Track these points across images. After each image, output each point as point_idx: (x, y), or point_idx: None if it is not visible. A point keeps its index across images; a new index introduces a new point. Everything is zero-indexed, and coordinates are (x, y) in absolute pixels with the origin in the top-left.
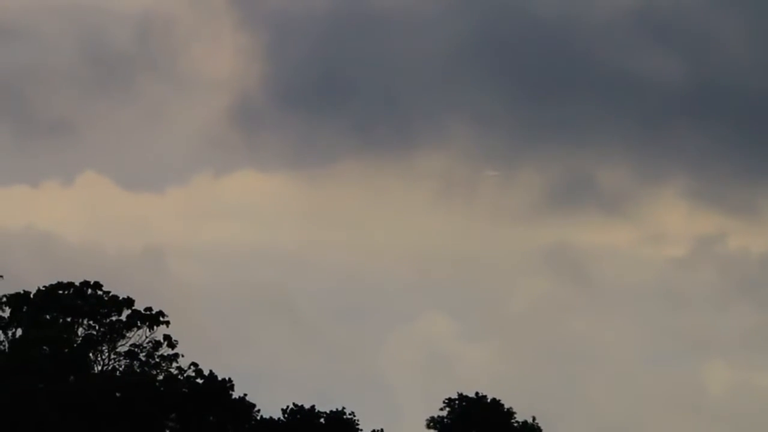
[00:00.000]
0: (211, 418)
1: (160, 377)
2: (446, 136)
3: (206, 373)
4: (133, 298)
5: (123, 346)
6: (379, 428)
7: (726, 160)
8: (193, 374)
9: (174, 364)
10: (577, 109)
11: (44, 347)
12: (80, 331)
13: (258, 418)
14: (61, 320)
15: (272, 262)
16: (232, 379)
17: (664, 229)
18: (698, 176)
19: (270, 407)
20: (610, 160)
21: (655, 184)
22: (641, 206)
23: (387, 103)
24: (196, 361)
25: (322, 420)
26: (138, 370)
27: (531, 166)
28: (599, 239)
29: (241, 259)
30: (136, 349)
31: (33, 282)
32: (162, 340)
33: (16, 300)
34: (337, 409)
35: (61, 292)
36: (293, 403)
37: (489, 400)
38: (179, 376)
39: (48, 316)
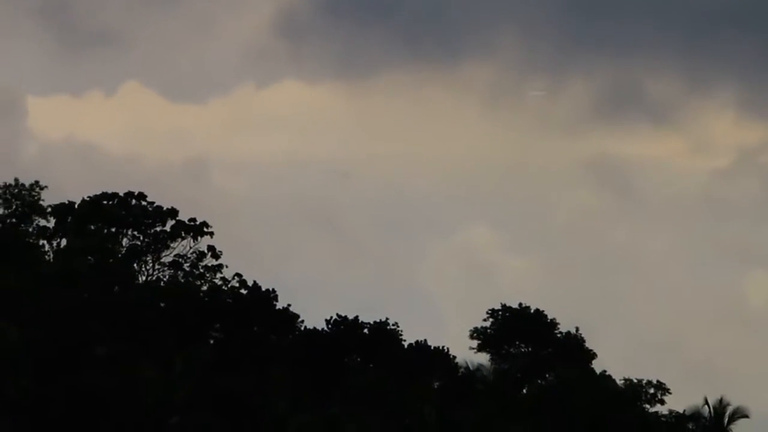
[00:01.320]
0: (255, 328)
1: (205, 288)
2: (493, 48)
3: (250, 283)
4: (177, 209)
5: (167, 257)
6: (423, 339)
7: None
8: (237, 285)
9: (218, 275)
10: (623, 19)
11: (89, 257)
12: (125, 241)
13: (302, 328)
14: (105, 230)
15: (315, 173)
16: (276, 290)
17: (709, 138)
18: (746, 86)
19: (314, 318)
20: (657, 71)
21: (702, 94)
22: (688, 116)
23: (433, 14)
24: (240, 272)
25: (365, 330)
26: (182, 281)
27: (577, 77)
28: (643, 150)
29: (283, 171)
30: (180, 260)
31: (77, 192)
32: (206, 251)
33: (61, 210)
34: (380, 319)
35: (105, 202)
36: (336, 314)
37: (532, 311)
38: (223, 287)
39: (92, 227)
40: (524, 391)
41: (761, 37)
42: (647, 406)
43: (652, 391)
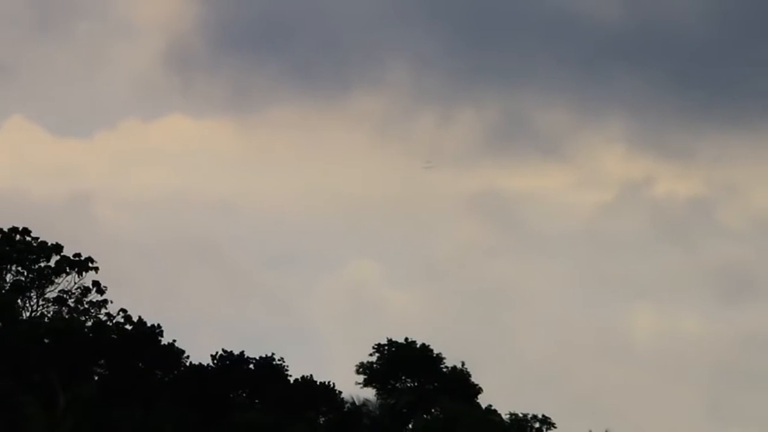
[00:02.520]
0: (140, 364)
1: (89, 323)
2: (384, 79)
3: (135, 319)
4: (62, 244)
5: (52, 293)
6: (309, 374)
7: (663, 103)
8: (122, 320)
9: (103, 310)
10: (514, 52)
11: None
12: (8, 277)
13: (187, 363)
14: None
15: (201, 208)
16: (161, 325)
17: (597, 172)
18: (635, 120)
19: (199, 353)
20: (547, 104)
21: (591, 128)
22: (577, 149)
23: (324, 47)
24: (125, 307)
25: (251, 366)
26: (67, 317)
27: (468, 109)
28: (531, 183)
29: (169, 205)
30: (64, 296)
31: None
32: (91, 286)
33: None
34: (266, 355)
35: None
36: (222, 349)
37: (418, 346)
38: (108, 322)
39: None
40: (410, 425)
41: (650, 71)
42: None
43: (537, 425)
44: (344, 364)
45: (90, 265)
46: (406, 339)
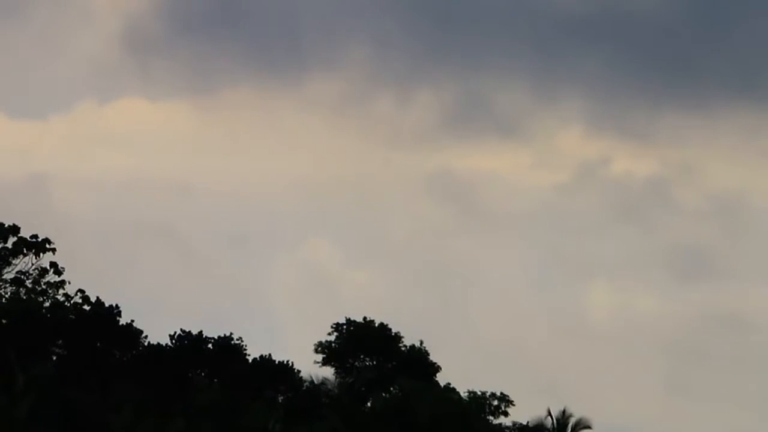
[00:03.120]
0: (99, 344)
1: (47, 304)
2: (341, 61)
3: (93, 299)
4: (19, 226)
5: (9, 274)
6: (267, 353)
7: (621, 83)
8: (80, 301)
9: (61, 291)
10: (472, 32)
11: None
12: None
13: (145, 344)
14: None
15: (158, 189)
16: (119, 305)
17: (554, 152)
18: (593, 100)
19: (157, 333)
20: (506, 84)
21: (548, 108)
22: (534, 129)
23: (281, 28)
24: (82, 288)
25: (209, 345)
26: (24, 297)
27: (426, 90)
28: (488, 164)
29: (125, 187)
30: (22, 276)
31: None
32: (48, 267)
33: None
34: (224, 334)
35: None
36: (180, 329)
37: (377, 325)
38: (66, 303)
39: None
40: (369, 404)
41: (609, 51)
42: (491, 418)
43: (496, 403)
44: (303, 344)
45: (47, 246)
46: (365, 318)
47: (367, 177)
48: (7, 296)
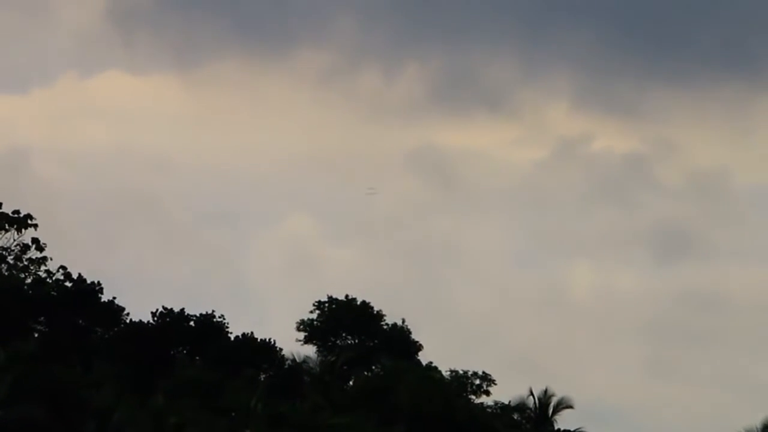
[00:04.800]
0: (80, 321)
1: (29, 280)
2: (327, 34)
3: (75, 276)
4: (1, 201)
5: None
6: (249, 331)
7: (607, 59)
8: (62, 277)
9: (42, 268)
10: (460, 5)
11: None
12: None
13: (127, 321)
14: None
15: (140, 164)
16: (101, 282)
17: (539, 128)
18: (578, 76)
19: (139, 311)
20: (493, 59)
21: (534, 83)
22: (520, 105)
23: (267, 1)
24: (64, 265)
25: (191, 323)
26: (6, 273)
27: (412, 64)
28: (470, 140)
29: (107, 162)
30: (3, 252)
31: None
32: (30, 243)
33: None
34: (206, 312)
35: None
36: (162, 307)
37: (359, 303)
38: (48, 280)
39: None
40: (350, 383)
41: (596, 25)
42: (473, 397)
43: (477, 382)
44: (284, 322)
45: (29, 222)
46: (347, 296)
47: (350, 152)
48: None
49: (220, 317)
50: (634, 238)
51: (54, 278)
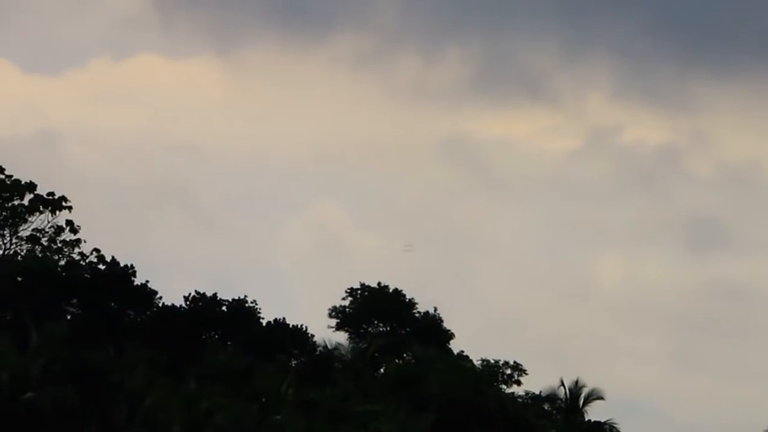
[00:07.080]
0: (113, 304)
1: (62, 262)
2: (364, 18)
3: (108, 259)
4: (36, 183)
5: (25, 231)
6: (281, 317)
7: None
8: (95, 260)
9: (76, 250)
10: None
11: None
12: None
13: (160, 305)
14: None
15: (173, 148)
16: (134, 265)
17: (575, 117)
18: (621, 64)
19: (172, 294)
20: (532, 46)
21: (575, 70)
22: (557, 93)
23: None
24: (98, 247)
25: (224, 308)
26: (40, 255)
27: (452, 49)
28: (504, 128)
29: (140, 145)
30: (38, 234)
31: None
32: (64, 226)
33: None
34: (239, 297)
35: None
36: (195, 291)
37: (391, 291)
38: (81, 262)
39: None
40: (382, 370)
41: (639, 13)
42: (504, 386)
43: (508, 371)
44: (317, 308)
45: (63, 204)
46: (379, 284)
47: (384, 138)
48: (22, 254)
49: (252, 302)
50: (665, 229)
51: (87, 261)
